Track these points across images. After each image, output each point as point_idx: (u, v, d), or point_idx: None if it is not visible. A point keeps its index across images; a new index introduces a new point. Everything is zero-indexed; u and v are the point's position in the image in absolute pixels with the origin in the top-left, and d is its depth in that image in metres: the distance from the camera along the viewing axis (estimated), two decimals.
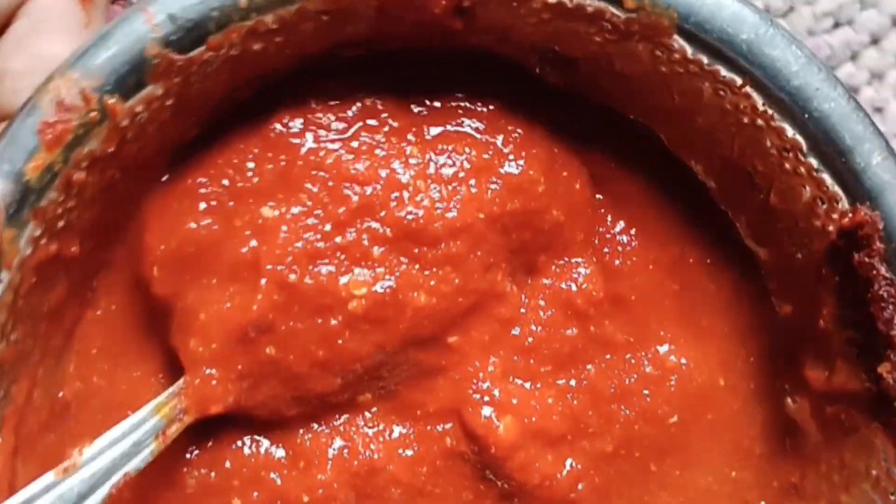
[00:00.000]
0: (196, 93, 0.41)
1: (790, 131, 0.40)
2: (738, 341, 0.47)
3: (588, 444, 0.46)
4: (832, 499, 0.44)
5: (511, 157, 0.44)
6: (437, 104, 0.45)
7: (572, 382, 0.46)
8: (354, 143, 0.44)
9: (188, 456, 0.46)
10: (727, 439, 0.47)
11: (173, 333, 0.44)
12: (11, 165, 0.38)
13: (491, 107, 0.45)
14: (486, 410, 0.45)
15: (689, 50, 0.40)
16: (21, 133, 0.38)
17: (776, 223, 0.43)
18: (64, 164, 0.38)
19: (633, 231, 0.48)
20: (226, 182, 0.44)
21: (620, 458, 0.47)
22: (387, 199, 0.43)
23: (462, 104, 0.45)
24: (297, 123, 0.44)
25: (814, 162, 0.41)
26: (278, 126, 0.44)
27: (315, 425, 0.46)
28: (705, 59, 0.40)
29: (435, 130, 0.45)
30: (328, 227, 0.43)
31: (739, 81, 0.40)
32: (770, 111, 0.40)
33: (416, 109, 0.45)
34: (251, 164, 0.44)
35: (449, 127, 0.45)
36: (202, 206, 0.44)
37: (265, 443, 0.46)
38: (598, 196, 0.47)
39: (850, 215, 0.40)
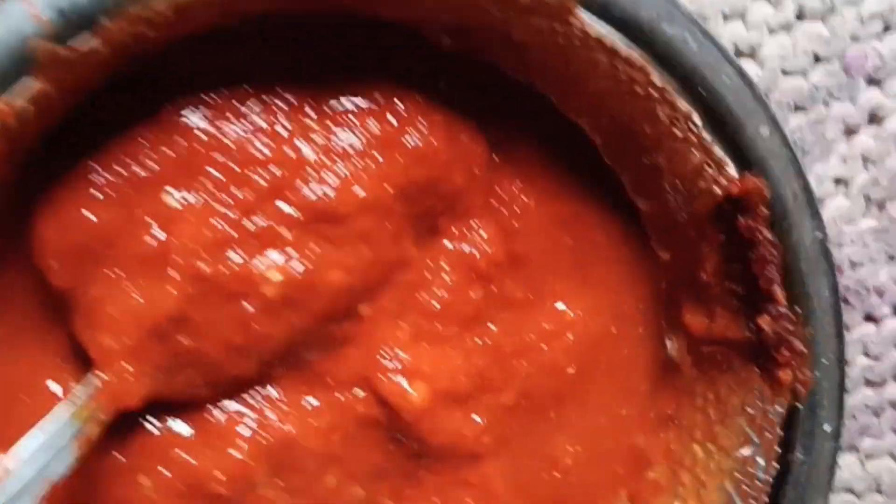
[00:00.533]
0: (82, 82, 0.38)
1: (683, 104, 0.42)
2: (628, 290, 0.49)
3: (491, 398, 0.48)
4: (707, 430, 0.48)
5: (413, 127, 0.44)
6: (335, 78, 0.44)
7: (476, 341, 0.48)
8: (254, 123, 0.43)
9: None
10: (618, 382, 0.50)
11: (79, 327, 0.42)
12: None
13: (389, 78, 0.44)
14: (398, 377, 0.46)
15: (589, 26, 0.40)
16: None
17: (661, 181, 0.45)
18: None
19: (528, 191, 0.48)
20: (122, 171, 0.42)
21: (521, 409, 0.49)
22: (293, 179, 0.43)
23: (360, 77, 0.44)
24: (191, 109, 0.42)
25: (705, 133, 0.42)
26: (172, 111, 0.41)
27: (226, 402, 0.46)
28: (605, 35, 0.41)
29: (335, 105, 0.44)
30: (236, 214, 0.42)
31: (638, 58, 0.41)
32: (666, 86, 0.41)
33: (313, 85, 0.44)
34: (148, 153, 0.42)
35: (349, 101, 0.44)
36: (99, 196, 0.41)
37: (175, 423, 0.45)
38: (494, 158, 0.48)
39: (738, 182, 0.42)
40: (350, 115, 0.44)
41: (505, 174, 0.48)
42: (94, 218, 0.41)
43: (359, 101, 0.44)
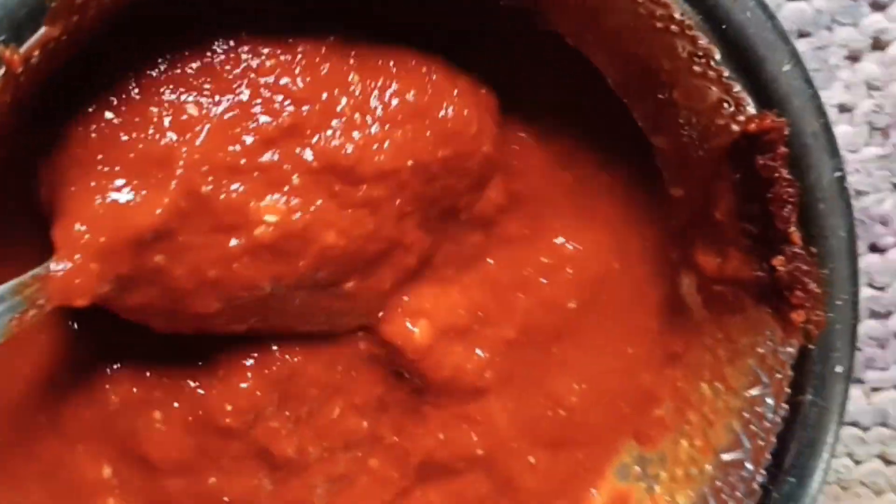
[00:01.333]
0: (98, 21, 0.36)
1: (704, 39, 0.40)
2: (633, 227, 0.49)
3: (492, 332, 0.48)
4: (716, 370, 0.48)
5: (447, 99, 0.42)
6: (382, 38, 0.42)
7: (474, 275, 0.48)
8: (296, 53, 0.41)
9: (108, 372, 0.44)
10: (623, 320, 0.50)
11: (57, 219, 0.39)
12: None
13: (433, 47, 0.43)
14: (399, 318, 0.46)
15: None
16: None
17: (677, 117, 0.44)
18: None
19: (528, 129, 0.47)
20: (151, 73, 0.40)
21: (522, 344, 0.48)
22: (321, 124, 0.41)
23: (405, 41, 0.43)
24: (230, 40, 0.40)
25: (725, 68, 0.41)
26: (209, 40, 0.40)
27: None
28: None
29: (378, 61, 0.42)
30: (252, 141, 0.40)
31: None
32: (687, 20, 0.40)
33: (360, 36, 0.42)
34: (169, 56, 0.40)
35: (392, 62, 0.42)
36: (114, 100, 0.40)
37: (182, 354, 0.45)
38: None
39: (758, 120, 0.41)
40: (391, 77, 0.42)
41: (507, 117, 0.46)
42: (110, 115, 0.39)
43: (404, 64, 0.42)
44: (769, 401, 0.45)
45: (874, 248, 0.58)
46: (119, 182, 0.39)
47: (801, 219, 0.42)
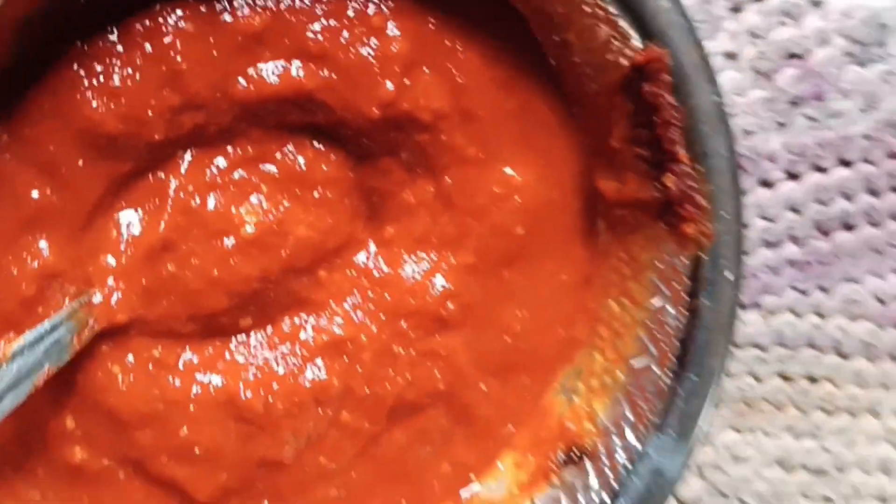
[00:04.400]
0: None
1: None
2: (568, 159, 0.53)
3: (453, 256, 0.52)
4: (621, 287, 0.52)
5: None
6: None
7: (430, 188, 0.52)
8: None
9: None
10: (560, 248, 0.54)
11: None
12: None
13: None
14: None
15: None
16: None
17: (573, 56, 0.49)
18: None
19: (469, 51, 0.50)
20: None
21: (480, 271, 0.52)
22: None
23: None
24: None
25: (611, 7, 0.46)
26: None
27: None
28: None
29: None
30: (226, 164, 0.49)
31: None
32: None
33: None
34: None
35: None
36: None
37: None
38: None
39: (643, 52, 0.46)
40: None
41: (445, 36, 0.50)
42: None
43: None
44: (670, 309, 0.50)
45: (764, 183, 0.64)
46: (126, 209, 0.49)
47: (687, 140, 0.47)
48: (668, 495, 0.50)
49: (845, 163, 0.64)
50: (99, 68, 0.45)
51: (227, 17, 0.46)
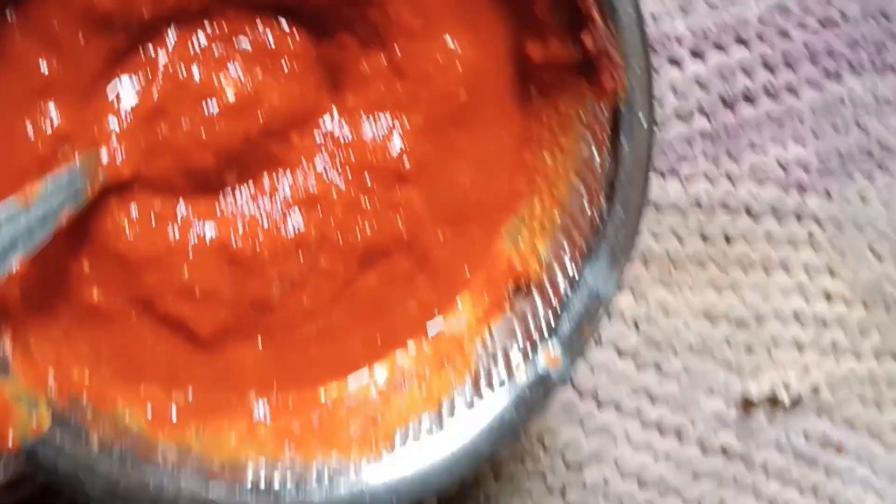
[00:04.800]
0: None
1: None
2: (503, 29, 0.59)
3: (407, 119, 0.59)
4: (552, 141, 0.59)
5: None
6: None
7: (383, 60, 0.58)
8: None
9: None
10: (499, 110, 0.60)
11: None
12: None
13: None
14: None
15: None
16: None
17: None
18: None
19: None
20: None
21: (431, 132, 0.59)
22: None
23: None
24: None
25: None
26: None
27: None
28: None
29: None
30: (204, 43, 0.56)
31: None
32: None
33: None
34: None
35: None
36: None
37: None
38: None
39: None
40: None
41: None
42: None
43: None
44: (596, 155, 0.56)
45: (673, 62, 0.72)
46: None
47: (599, 3, 0.55)
48: (603, 314, 0.58)
49: (743, 42, 0.72)
50: None
51: None
